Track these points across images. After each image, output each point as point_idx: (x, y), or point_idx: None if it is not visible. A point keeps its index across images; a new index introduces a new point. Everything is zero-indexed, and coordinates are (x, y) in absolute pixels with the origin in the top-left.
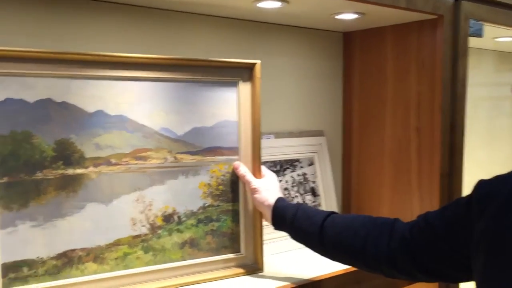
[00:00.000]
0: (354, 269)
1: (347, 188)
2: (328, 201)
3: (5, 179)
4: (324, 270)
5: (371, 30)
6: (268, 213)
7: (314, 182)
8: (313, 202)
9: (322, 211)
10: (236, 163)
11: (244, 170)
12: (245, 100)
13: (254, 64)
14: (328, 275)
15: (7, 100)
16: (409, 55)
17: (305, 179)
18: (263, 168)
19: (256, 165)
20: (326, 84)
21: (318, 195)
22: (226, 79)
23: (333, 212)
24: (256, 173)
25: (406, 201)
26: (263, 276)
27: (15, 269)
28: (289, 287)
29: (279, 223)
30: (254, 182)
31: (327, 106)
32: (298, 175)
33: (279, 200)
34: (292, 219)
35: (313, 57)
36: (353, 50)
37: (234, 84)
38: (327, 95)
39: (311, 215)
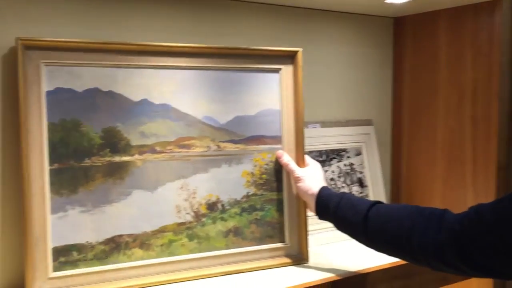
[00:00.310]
0: (402, 262)
1: (397, 180)
2: (376, 192)
3: (55, 166)
4: (372, 263)
5: (423, 14)
6: (311, 202)
7: (361, 172)
8: (360, 193)
9: (367, 200)
10: (279, 152)
11: (287, 159)
12: (288, 88)
13: (296, 52)
14: (375, 267)
15: (57, 90)
16: (464, 40)
17: (352, 169)
18: (307, 157)
19: (300, 154)
20: (375, 71)
21: (366, 186)
22: (268, 67)
23: (378, 202)
24: (300, 162)
25: (459, 194)
26: (308, 267)
27: (65, 253)
28: (334, 279)
29: (322, 212)
30: (298, 171)
31: (376, 95)
32: (345, 165)
33: (323, 189)
34: (336, 208)
35: (361, 44)
36: (404, 35)
37: (276, 72)
38: (376, 83)
39: (356, 204)
